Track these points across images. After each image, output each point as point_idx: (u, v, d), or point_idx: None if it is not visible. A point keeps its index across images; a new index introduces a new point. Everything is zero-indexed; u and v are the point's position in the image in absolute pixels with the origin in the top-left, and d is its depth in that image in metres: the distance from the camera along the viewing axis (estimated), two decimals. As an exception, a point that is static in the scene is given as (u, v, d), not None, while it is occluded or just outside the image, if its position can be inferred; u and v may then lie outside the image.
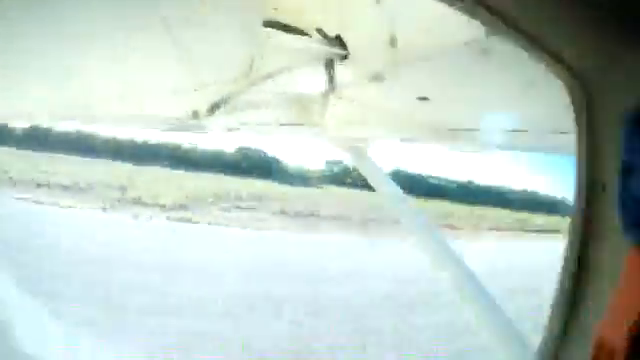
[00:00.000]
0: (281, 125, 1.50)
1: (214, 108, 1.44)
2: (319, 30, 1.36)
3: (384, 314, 7.79)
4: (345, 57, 1.37)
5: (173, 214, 11.82)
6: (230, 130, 1.68)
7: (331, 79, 1.45)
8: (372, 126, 1.56)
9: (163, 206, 12.21)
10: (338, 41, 1.36)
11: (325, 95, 1.49)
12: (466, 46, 1.00)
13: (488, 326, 1.63)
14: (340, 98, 1.46)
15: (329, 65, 1.46)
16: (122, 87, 1.39)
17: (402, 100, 1.42)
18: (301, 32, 1.38)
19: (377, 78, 1.22)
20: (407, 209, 2.02)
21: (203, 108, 1.44)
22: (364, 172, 2.22)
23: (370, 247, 10.39)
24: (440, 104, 1.37)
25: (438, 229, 1.97)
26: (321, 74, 1.48)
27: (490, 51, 0.99)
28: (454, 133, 1.65)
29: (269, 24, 1.32)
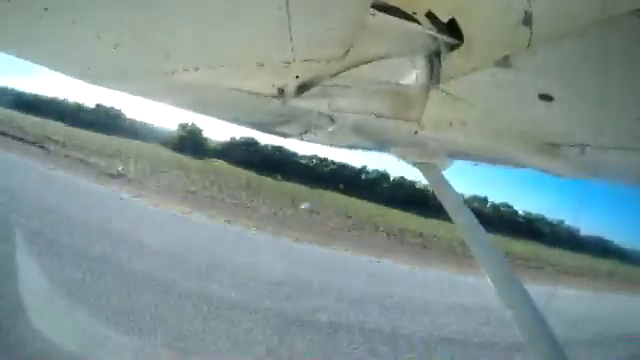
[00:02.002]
0: (375, 116, 1.35)
1: (303, 88, 1.33)
2: (429, 14, 1.23)
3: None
4: (455, 47, 1.23)
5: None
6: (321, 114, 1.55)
7: (435, 71, 1.31)
8: (467, 132, 1.38)
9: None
10: (449, 28, 1.22)
11: (426, 89, 1.34)
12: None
13: None
14: (443, 93, 1.30)
15: (434, 55, 1.32)
16: (203, 53, 1.30)
17: (515, 100, 1.25)
18: (409, 17, 1.25)
19: (502, 64, 1.05)
20: (484, 246, 1.78)
21: (291, 87, 1.32)
22: (436, 191, 2.03)
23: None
24: (563, 107, 1.17)
25: (517, 278, 1.70)
26: (424, 65, 1.35)
27: None
28: (555, 151, 1.44)
29: (377, 5, 1.21)
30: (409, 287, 12.39)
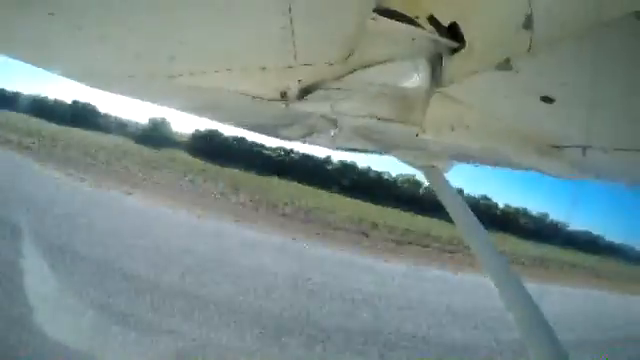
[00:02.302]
0: (377, 120, 1.36)
1: (305, 92, 1.34)
2: (431, 18, 1.25)
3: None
4: (457, 50, 1.24)
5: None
6: (323, 118, 1.56)
7: (437, 74, 1.32)
8: (469, 135, 1.39)
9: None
10: (451, 32, 1.23)
11: (427, 92, 1.35)
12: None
13: None
14: (445, 96, 1.31)
15: (436, 59, 1.33)
16: (207, 57, 1.31)
17: (516, 102, 1.26)
18: (411, 20, 1.27)
19: (503, 67, 1.06)
20: (486, 248, 1.79)
21: (294, 90, 1.33)
22: (438, 193, 2.03)
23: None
24: (564, 109, 1.18)
25: (515, 274, 1.72)
26: (426, 68, 1.36)
27: None
28: (556, 152, 1.44)
29: (379, 10, 1.22)
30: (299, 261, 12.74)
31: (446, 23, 1.21)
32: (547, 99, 1.15)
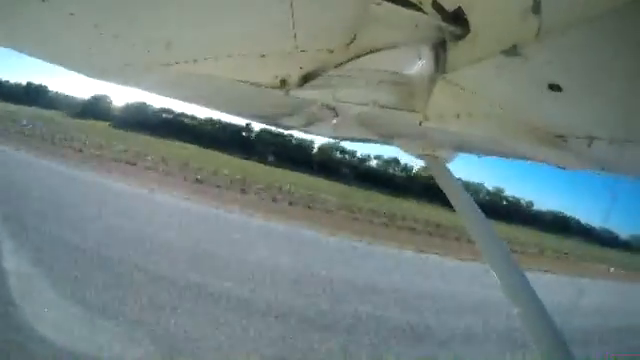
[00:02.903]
0: (380, 107, 1.33)
1: (306, 79, 1.30)
2: (435, 4, 1.21)
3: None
4: (462, 36, 1.20)
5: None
6: (324, 106, 1.53)
7: (441, 61, 1.28)
8: (473, 124, 1.36)
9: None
10: (456, 18, 1.19)
11: (431, 79, 1.31)
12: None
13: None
14: (450, 83, 1.28)
15: (440, 45, 1.30)
16: (205, 44, 1.28)
17: (523, 91, 1.22)
18: (414, 6, 1.23)
19: (510, 54, 1.02)
20: (488, 237, 1.78)
21: (294, 77, 1.30)
22: (440, 183, 2.01)
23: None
24: (571, 98, 1.15)
25: (518, 266, 1.72)
26: (429, 55, 1.33)
27: None
28: (561, 143, 1.41)
29: None
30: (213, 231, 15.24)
31: (450, 9, 1.17)
32: (555, 87, 1.11)
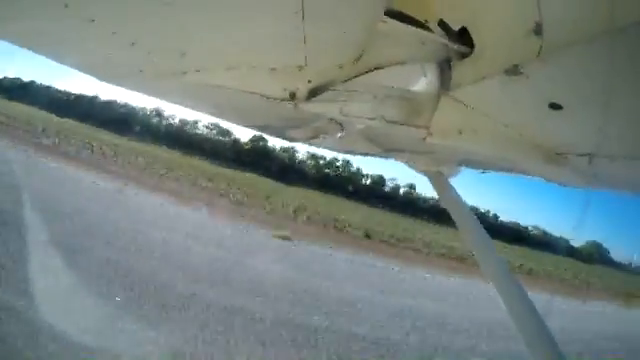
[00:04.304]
0: (385, 122, 1.36)
1: (314, 93, 1.34)
2: (441, 23, 1.25)
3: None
4: (466, 55, 1.24)
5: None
6: (331, 120, 1.57)
7: (446, 78, 1.32)
8: (476, 140, 1.39)
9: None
10: (461, 37, 1.24)
11: (436, 96, 1.35)
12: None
13: None
14: (454, 100, 1.31)
15: (445, 63, 1.34)
16: (218, 55, 1.32)
17: (525, 108, 1.25)
18: (421, 24, 1.27)
19: (512, 73, 1.06)
20: (489, 255, 1.79)
21: (303, 91, 1.34)
22: (442, 198, 2.03)
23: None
24: (572, 116, 1.18)
25: (518, 282, 1.73)
26: (435, 72, 1.37)
27: None
28: (562, 160, 1.44)
29: (389, 12, 1.22)
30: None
31: (456, 28, 1.21)
32: (555, 106, 1.15)
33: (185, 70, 1.35)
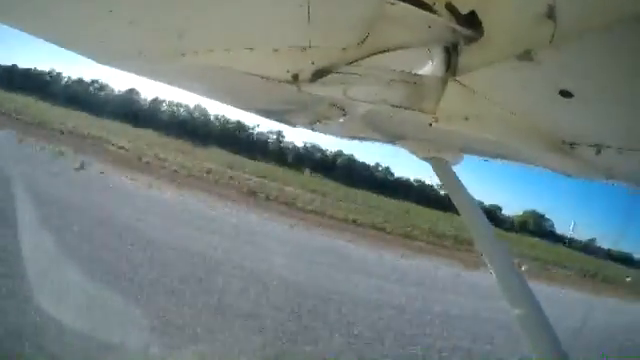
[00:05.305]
0: (390, 106, 1.33)
1: (318, 75, 1.31)
2: (449, 6, 1.21)
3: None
4: (474, 39, 1.20)
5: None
6: (333, 105, 1.54)
7: (453, 63, 1.29)
8: (482, 127, 1.36)
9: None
10: (469, 21, 1.19)
11: (442, 81, 1.32)
12: None
13: None
14: (461, 85, 1.28)
15: (452, 47, 1.30)
16: (218, 35, 1.28)
17: (534, 95, 1.22)
18: (428, 7, 1.23)
19: (523, 59, 1.02)
20: (491, 243, 1.78)
21: (306, 73, 1.30)
22: (444, 185, 2.01)
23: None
24: (582, 105, 1.15)
25: (520, 273, 1.72)
26: (442, 56, 1.33)
27: None
28: (569, 150, 1.41)
29: None
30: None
31: (464, 11, 1.17)
32: (566, 93, 1.11)
33: (184, 51, 1.31)
